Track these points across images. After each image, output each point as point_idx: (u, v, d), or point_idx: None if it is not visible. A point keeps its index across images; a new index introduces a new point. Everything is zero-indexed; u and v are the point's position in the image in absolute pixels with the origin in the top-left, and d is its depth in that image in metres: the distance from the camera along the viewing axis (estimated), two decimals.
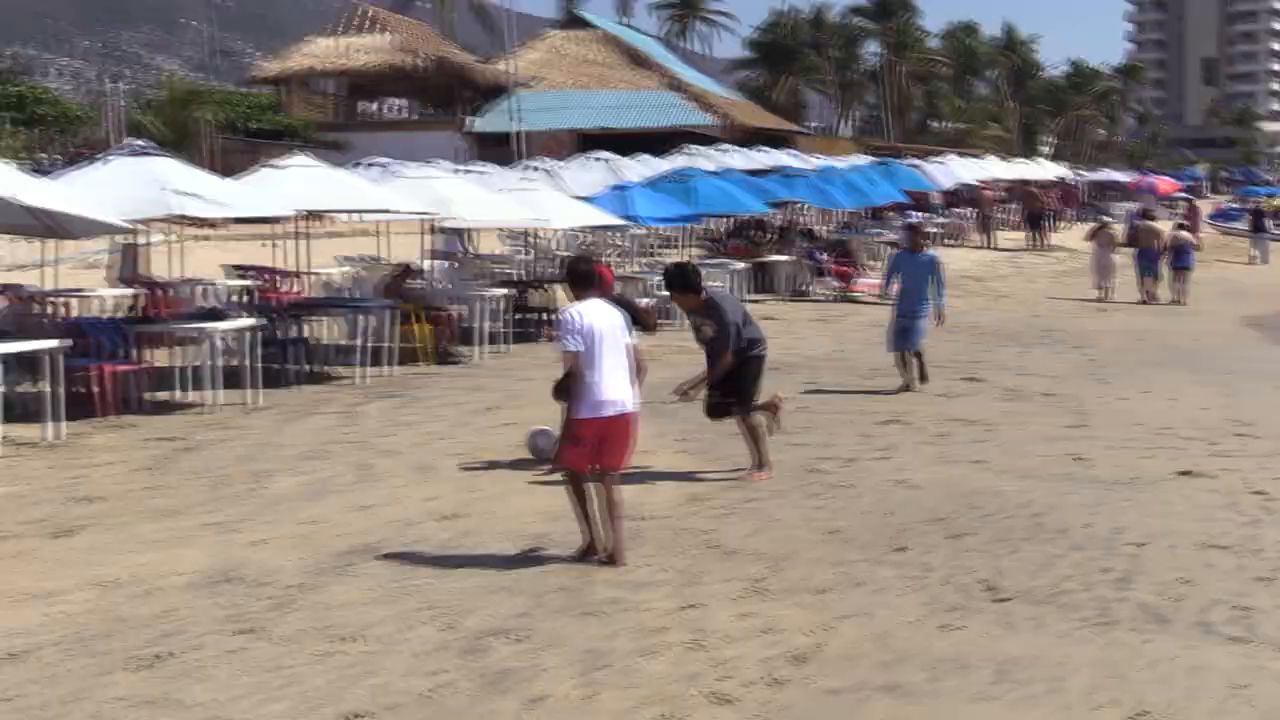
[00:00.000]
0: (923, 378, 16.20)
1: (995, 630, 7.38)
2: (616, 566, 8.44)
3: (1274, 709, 6.34)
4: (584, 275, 8.96)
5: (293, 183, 17.07)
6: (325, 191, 17.46)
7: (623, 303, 9.58)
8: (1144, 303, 29.76)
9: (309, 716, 6.06)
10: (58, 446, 12.42)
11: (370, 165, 29.71)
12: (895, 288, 16.35)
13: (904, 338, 16.10)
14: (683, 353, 19.61)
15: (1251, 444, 13.13)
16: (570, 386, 8.44)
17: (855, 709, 6.24)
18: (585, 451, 8.56)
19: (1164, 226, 33.05)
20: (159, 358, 16.25)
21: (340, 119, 69.84)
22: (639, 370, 8.75)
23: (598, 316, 8.55)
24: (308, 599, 7.79)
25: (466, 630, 7.25)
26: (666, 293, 22.86)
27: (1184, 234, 32.24)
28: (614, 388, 8.47)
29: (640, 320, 10.05)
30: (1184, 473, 11.61)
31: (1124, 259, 31.61)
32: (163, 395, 15.09)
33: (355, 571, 8.36)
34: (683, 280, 11.08)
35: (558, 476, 9.14)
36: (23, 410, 13.48)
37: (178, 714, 6.08)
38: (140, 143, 18.22)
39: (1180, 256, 30.79)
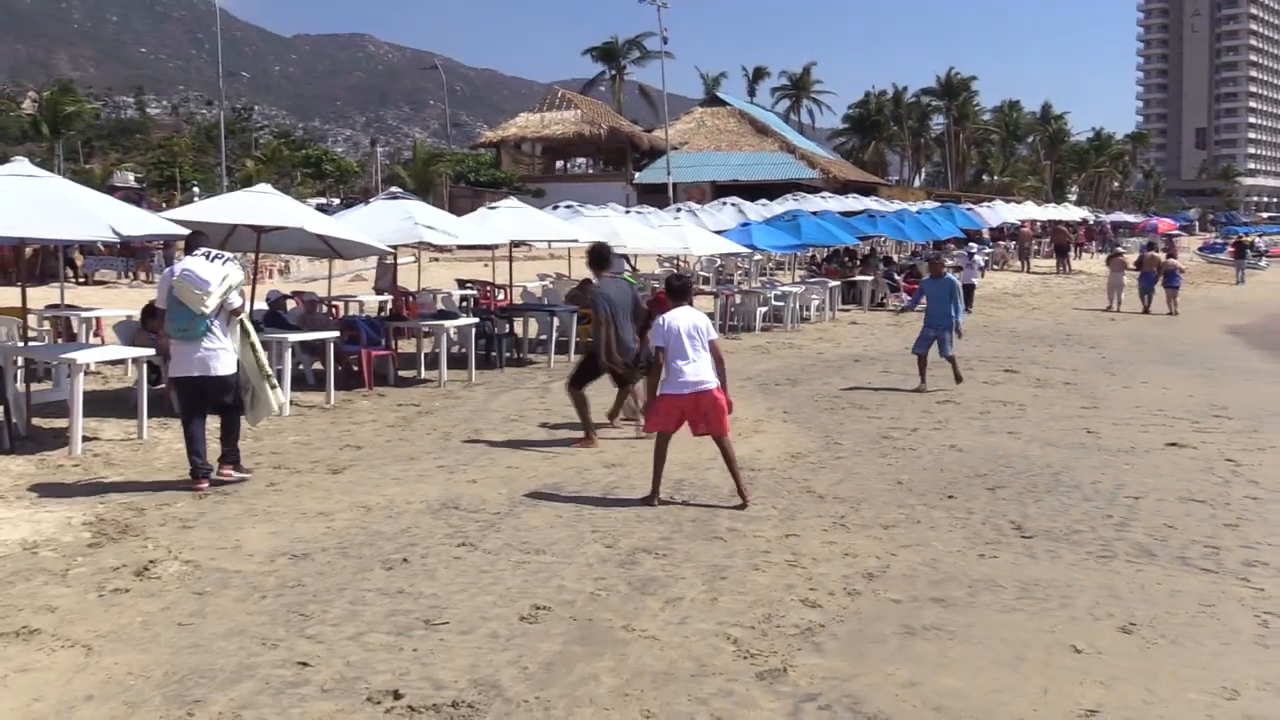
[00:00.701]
0: (957, 379, 14.99)
1: (1021, 559, 7.24)
2: (742, 504, 8.38)
3: (1233, 622, 6.15)
4: (678, 291, 8.99)
5: (504, 220, 17.28)
6: (528, 226, 17.62)
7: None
8: (1144, 313, 28.88)
9: (508, 606, 6.16)
10: (332, 409, 12.71)
11: (561, 207, 30.05)
12: (923, 303, 15.63)
13: (924, 344, 14.99)
14: (789, 347, 19.56)
15: (1226, 423, 12.68)
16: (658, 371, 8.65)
17: (912, 614, 6.17)
18: (666, 420, 8.51)
19: (1162, 256, 32.16)
20: (405, 346, 16.56)
21: (539, 173, 70.70)
22: (719, 360, 8.57)
23: (682, 320, 8.53)
24: (508, 522, 7.90)
25: (623, 548, 7.30)
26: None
27: (1173, 261, 31.48)
28: (696, 372, 8.39)
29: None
30: (1172, 444, 11.25)
31: (1130, 280, 30.70)
32: (407, 373, 15.38)
33: (543, 504, 8.46)
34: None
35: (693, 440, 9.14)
36: (309, 382, 13.93)
37: (415, 602, 6.22)
38: (396, 190, 18.66)
39: (1171, 278, 29.92)
